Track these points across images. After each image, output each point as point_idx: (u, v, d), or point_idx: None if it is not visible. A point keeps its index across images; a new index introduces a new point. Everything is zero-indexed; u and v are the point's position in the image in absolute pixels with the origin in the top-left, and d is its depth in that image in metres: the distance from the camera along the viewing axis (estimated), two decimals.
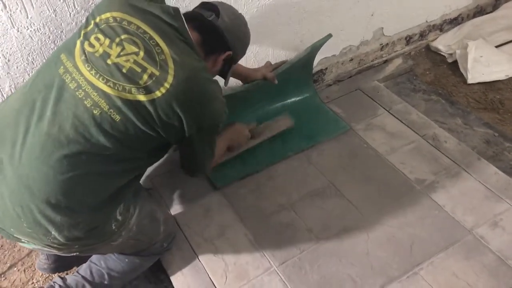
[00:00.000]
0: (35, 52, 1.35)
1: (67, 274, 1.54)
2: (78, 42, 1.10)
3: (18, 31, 1.28)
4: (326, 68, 2.15)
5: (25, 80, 1.38)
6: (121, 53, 1.07)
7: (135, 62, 1.06)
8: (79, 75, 1.06)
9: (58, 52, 1.13)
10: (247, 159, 1.78)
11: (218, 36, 1.25)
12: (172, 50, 1.09)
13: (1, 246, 1.62)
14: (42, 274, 1.55)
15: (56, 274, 1.54)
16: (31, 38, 1.31)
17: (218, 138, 1.42)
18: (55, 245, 1.10)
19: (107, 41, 1.08)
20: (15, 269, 1.57)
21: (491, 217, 1.61)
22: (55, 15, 1.31)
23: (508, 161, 1.88)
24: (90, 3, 1.34)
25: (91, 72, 1.05)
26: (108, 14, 1.12)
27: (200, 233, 1.57)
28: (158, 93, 1.06)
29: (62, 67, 1.08)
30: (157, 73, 1.06)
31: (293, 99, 2.02)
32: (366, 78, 2.25)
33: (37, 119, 1.04)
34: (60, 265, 1.50)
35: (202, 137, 1.24)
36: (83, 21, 1.20)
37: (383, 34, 2.23)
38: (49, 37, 1.34)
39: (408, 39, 2.39)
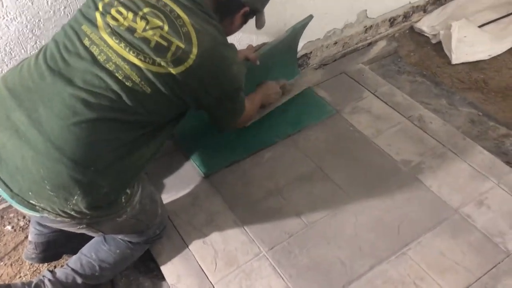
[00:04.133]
0: (12, 42, 1.31)
1: (55, 267, 1.53)
2: (98, 15, 1.11)
3: None
4: (311, 52, 2.13)
5: (3, 71, 1.35)
6: (147, 27, 1.09)
7: (161, 36, 1.09)
8: (107, 48, 1.07)
9: (77, 23, 1.13)
10: (234, 146, 1.77)
11: None
12: (193, 21, 1.12)
13: None
14: (29, 268, 1.54)
15: (44, 267, 1.53)
16: (8, 27, 1.28)
17: (250, 97, 1.60)
18: (71, 213, 1.09)
19: (131, 15, 1.10)
20: (1, 263, 1.55)
21: (477, 196, 1.63)
22: (32, 3, 1.27)
23: (492, 140, 1.90)
24: None
25: (120, 45, 1.07)
26: None
27: (188, 221, 1.56)
28: (185, 65, 1.10)
29: (86, 38, 1.09)
30: (182, 46, 1.09)
31: None
32: (351, 61, 2.25)
33: (64, 85, 1.05)
34: (49, 255, 1.48)
35: (227, 100, 1.29)
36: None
37: (366, 17, 2.22)
38: (27, 26, 1.31)
39: (392, 21, 2.39)
